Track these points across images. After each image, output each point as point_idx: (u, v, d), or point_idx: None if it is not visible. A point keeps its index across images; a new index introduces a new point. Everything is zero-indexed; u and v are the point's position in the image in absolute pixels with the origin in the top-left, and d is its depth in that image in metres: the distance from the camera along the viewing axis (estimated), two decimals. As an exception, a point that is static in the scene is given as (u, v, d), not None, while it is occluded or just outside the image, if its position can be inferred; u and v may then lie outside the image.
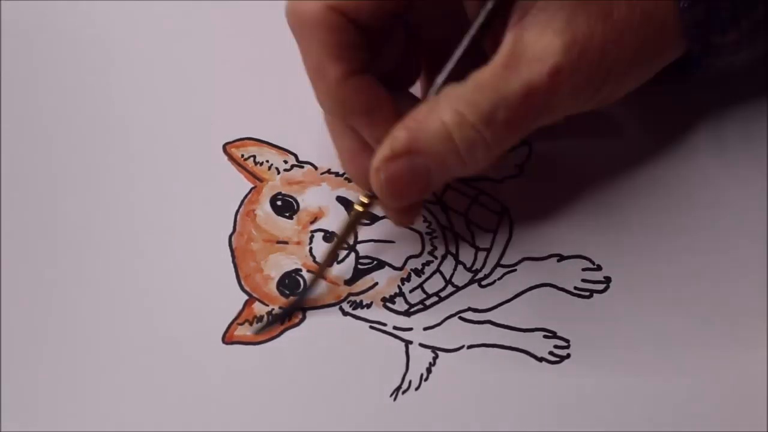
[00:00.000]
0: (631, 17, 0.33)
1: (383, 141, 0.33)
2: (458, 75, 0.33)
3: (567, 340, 0.36)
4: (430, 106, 0.33)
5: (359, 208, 0.36)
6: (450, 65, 0.34)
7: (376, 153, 0.33)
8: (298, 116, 0.41)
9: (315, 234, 0.38)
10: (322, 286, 0.37)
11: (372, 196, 0.35)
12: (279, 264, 0.38)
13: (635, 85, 0.36)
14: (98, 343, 0.36)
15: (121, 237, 0.39)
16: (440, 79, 0.34)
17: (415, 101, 0.36)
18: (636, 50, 0.34)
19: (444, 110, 0.32)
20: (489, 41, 0.34)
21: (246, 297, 0.37)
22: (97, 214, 0.39)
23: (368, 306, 0.37)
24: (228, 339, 0.36)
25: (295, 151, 0.41)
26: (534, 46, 0.32)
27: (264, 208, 0.39)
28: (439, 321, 0.37)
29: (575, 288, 0.37)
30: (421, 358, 0.36)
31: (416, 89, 0.39)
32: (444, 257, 0.38)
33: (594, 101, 0.35)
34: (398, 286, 0.37)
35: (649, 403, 0.35)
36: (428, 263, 0.38)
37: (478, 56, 0.34)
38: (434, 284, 0.37)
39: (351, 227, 0.37)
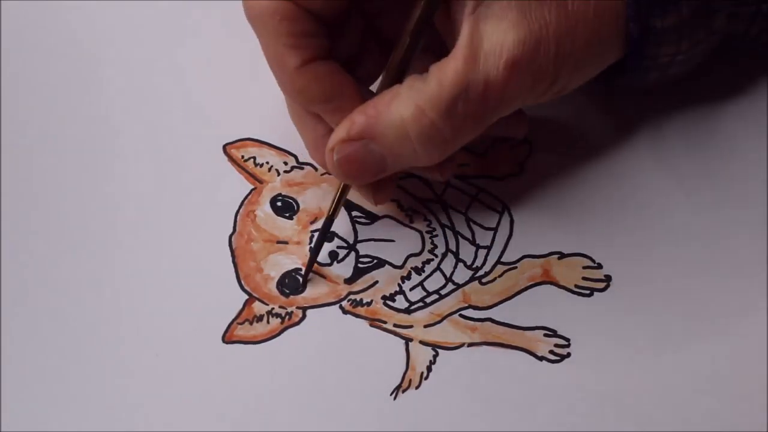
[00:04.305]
0: (586, 8, 0.33)
1: (341, 123, 0.34)
2: (406, 63, 0.34)
3: (567, 339, 0.36)
4: (392, 95, 0.33)
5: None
6: (395, 60, 0.34)
7: (332, 134, 0.34)
8: (298, 117, 0.41)
9: (315, 234, 0.38)
10: (322, 285, 0.38)
11: None
12: (279, 264, 0.38)
13: (586, 78, 0.36)
14: (98, 343, 0.36)
15: (122, 237, 0.39)
16: (393, 63, 0.34)
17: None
18: (589, 42, 0.34)
19: (404, 103, 0.33)
20: (445, 28, 0.34)
21: (246, 297, 0.37)
22: (98, 214, 0.39)
23: (368, 304, 0.37)
24: (228, 339, 0.36)
25: (295, 152, 0.41)
26: (490, 39, 0.32)
27: (264, 209, 0.39)
28: (439, 319, 0.37)
29: (576, 286, 0.37)
30: (421, 356, 0.36)
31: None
32: (444, 255, 0.38)
33: (549, 93, 0.35)
34: (398, 285, 0.37)
35: (649, 402, 0.35)
36: (428, 261, 0.38)
37: (433, 45, 0.34)
38: (434, 282, 0.37)
39: (338, 200, 0.37)
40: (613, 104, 0.40)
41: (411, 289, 0.37)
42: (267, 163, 0.40)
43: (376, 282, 0.38)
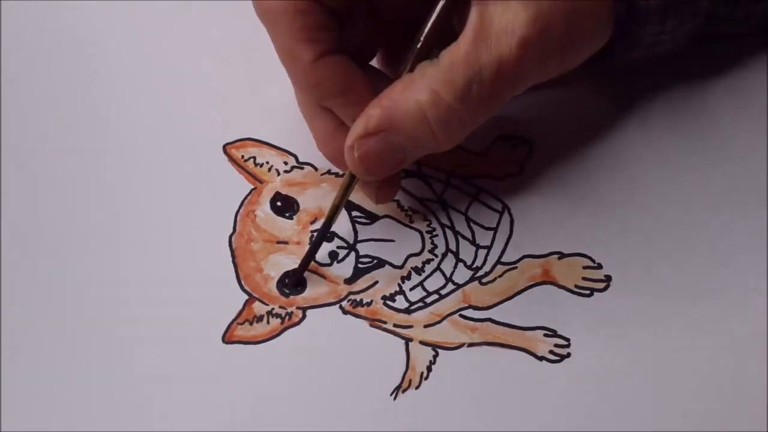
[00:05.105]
0: None
1: (357, 119, 0.34)
2: (427, 51, 0.34)
3: (567, 339, 0.36)
4: (405, 84, 0.33)
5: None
6: (420, 42, 0.34)
7: (350, 131, 0.34)
8: (298, 117, 0.41)
9: (315, 234, 0.38)
10: (322, 285, 0.38)
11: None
12: (279, 264, 0.38)
13: (590, 53, 0.36)
14: (98, 343, 0.36)
15: (121, 237, 0.39)
16: (411, 56, 0.34)
17: (385, 77, 0.37)
18: (593, 18, 0.34)
19: (419, 89, 0.33)
20: (455, 16, 0.34)
21: (246, 297, 0.37)
22: (98, 214, 0.39)
23: (368, 304, 0.37)
24: (228, 339, 0.36)
25: (295, 152, 0.41)
26: (501, 19, 0.32)
27: (264, 209, 0.39)
28: (439, 319, 0.37)
29: (576, 286, 0.37)
30: (421, 356, 0.36)
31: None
32: (444, 255, 0.38)
33: (558, 70, 0.35)
34: (398, 285, 0.37)
35: (649, 402, 0.35)
36: (428, 261, 0.38)
37: (445, 32, 0.34)
38: (435, 282, 0.37)
39: (344, 192, 0.36)
40: (614, 104, 0.40)
41: (411, 289, 0.37)
42: (267, 163, 0.40)
43: (376, 282, 0.38)
